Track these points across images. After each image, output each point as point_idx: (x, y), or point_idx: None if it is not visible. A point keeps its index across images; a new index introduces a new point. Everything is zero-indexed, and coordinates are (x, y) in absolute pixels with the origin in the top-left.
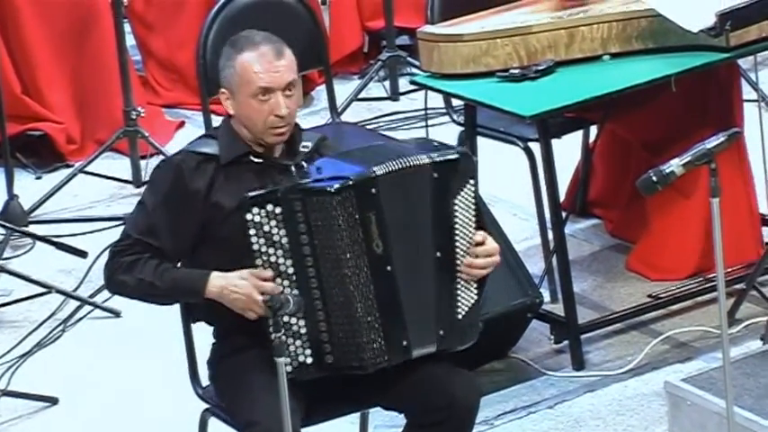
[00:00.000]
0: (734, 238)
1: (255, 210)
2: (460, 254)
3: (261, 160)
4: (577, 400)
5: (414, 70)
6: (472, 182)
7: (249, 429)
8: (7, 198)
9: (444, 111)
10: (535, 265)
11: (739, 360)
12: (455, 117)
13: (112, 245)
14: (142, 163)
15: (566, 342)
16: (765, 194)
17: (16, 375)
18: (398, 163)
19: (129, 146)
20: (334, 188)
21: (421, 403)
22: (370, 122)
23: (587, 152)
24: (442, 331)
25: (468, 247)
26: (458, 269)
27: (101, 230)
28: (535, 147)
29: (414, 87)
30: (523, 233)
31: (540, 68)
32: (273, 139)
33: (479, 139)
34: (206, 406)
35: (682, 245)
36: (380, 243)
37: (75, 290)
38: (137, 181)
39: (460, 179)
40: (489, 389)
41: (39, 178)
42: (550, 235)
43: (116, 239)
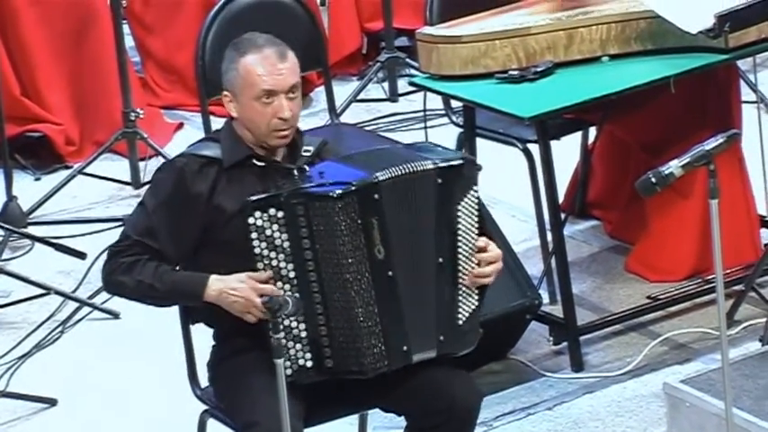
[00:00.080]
0: (732, 240)
1: (258, 213)
2: (462, 260)
3: (263, 163)
4: (576, 402)
5: (412, 71)
6: (476, 188)
7: (249, 430)
8: (6, 199)
9: (443, 112)
10: (534, 267)
11: (738, 361)
12: (454, 118)
13: (111, 245)
14: (141, 164)
15: (564, 343)
16: (764, 196)
17: (15, 377)
18: (402, 168)
19: (128, 147)
20: (336, 193)
21: (421, 406)
22: (368, 124)
23: (586, 153)
24: (443, 336)
25: (470, 254)
26: (459, 275)
27: (100, 232)
28: (534, 148)
29: (412, 89)
30: (522, 234)
31: (539, 70)
32: (276, 142)
33: (478, 141)
34: (205, 407)
35: (681, 246)
36: (382, 249)
37: (74, 291)
38: (136, 182)
39: (464, 185)
40: (488, 390)
41: (38, 179)
42: (549, 236)
43: (115, 240)
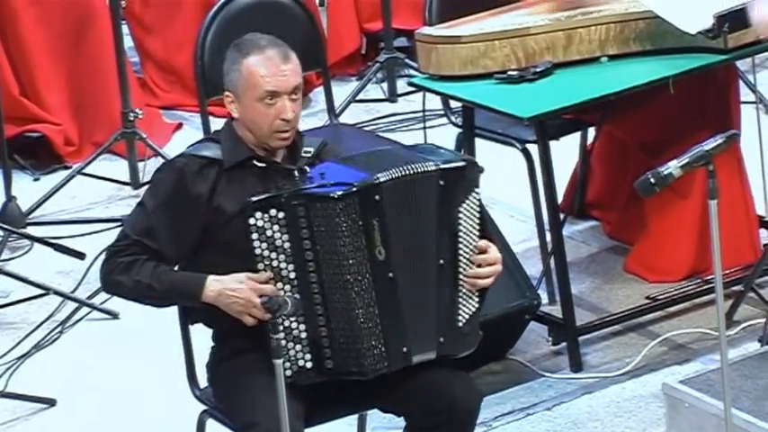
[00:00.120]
0: (731, 240)
1: (259, 214)
2: (463, 262)
3: (264, 164)
4: (575, 402)
5: (412, 72)
6: (477, 190)
7: (249, 430)
8: (5, 200)
9: (442, 112)
10: (533, 267)
11: (737, 362)
12: (453, 119)
13: (110, 245)
14: (140, 165)
15: (563, 344)
16: (763, 196)
17: (14, 377)
18: (403, 170)
19: (127, 147)
20: (337, 194)
21: (421, 406)
22: (367, 124)
23: (585, 154)
24: (443, 338)
25: (470, 256)
26: (460, 277)
27: (99, 232)
28: (533, 148)
29: (412, 89)
30: (521, 235)
31: (538, 70)
32: (278, 143)
33: (477, 141)
34: (204, 407)
35: (680, 246)
36: (383, 250)
37: (73, 291)
38: (135, 183)
39: (466, 187)
40: (487, 390)
41: (37, 180)
42: (548, 237)
43: (114, 239)
